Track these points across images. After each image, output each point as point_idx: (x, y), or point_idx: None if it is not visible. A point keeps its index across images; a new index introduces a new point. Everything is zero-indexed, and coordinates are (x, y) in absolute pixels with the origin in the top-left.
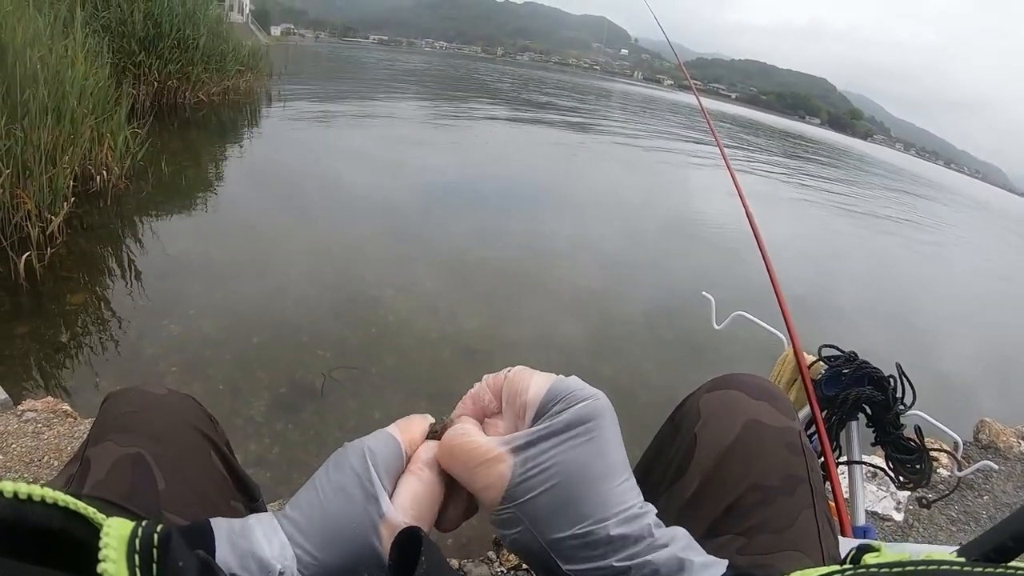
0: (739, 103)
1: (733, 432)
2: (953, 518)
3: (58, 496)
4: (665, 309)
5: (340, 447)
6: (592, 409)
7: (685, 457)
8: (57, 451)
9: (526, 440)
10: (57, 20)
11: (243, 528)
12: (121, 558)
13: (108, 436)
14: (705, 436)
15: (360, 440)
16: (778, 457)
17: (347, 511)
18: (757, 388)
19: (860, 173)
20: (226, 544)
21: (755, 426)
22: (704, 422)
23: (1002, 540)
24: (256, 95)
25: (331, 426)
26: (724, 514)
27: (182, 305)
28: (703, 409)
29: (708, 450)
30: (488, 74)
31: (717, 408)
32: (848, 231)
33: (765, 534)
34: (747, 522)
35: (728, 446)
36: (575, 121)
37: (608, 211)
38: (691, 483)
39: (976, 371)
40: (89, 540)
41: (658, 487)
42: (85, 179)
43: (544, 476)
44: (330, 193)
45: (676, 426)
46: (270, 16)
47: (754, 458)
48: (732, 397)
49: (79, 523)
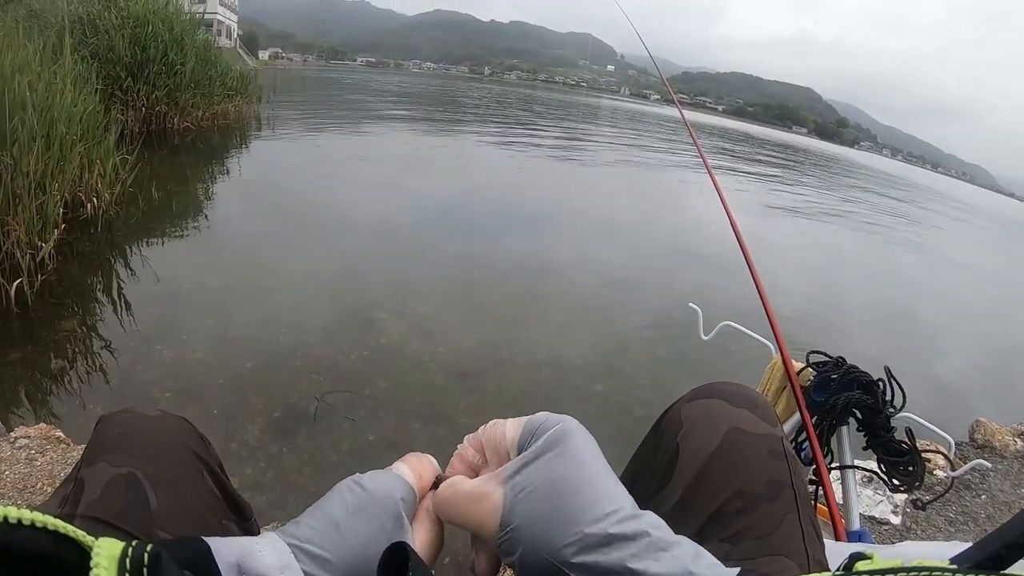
0: (726, 115)
1: (715, 440)
2: (951, 519)
3: (47, 520)
4: (656, 324)
5: (354, 484)
6: (562, 431)
7: (668, 467)
8: (50, 477)
9: (513, 470)
10: (46, 47)
11: (253, 553)
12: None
13: (102, 457)
14: (687, 445)
15: (382, 485)
16: (760, 464)
17: (375, 557)
18: (738, 396)
19: (840, 177)
20: (234, 568)
21: (737, 434)
22: (686, 431)
23: (996, 549)
24: (245, 120)
25: (326, 449)
26: (708, 522)
27: (174, 330)
28: (685, 419)
29: (690, 459)
30: (474, 92)
31: (699, 417)
32: (835, 233)
33: (749, 540)
34: (730, 529)
35: (710, 454)
36: (563, 139)
37: (594, 225)
38: (675, 492)
39: (975, 371)
40: (79, 563)
41: (643, 498)
42: (75, 205)
43: (532, 494)
44: (320, 217)
45: (659, 436)
46: (258, 40)
47: (736, 466)
48: (713, 406)
49: (69, 546)
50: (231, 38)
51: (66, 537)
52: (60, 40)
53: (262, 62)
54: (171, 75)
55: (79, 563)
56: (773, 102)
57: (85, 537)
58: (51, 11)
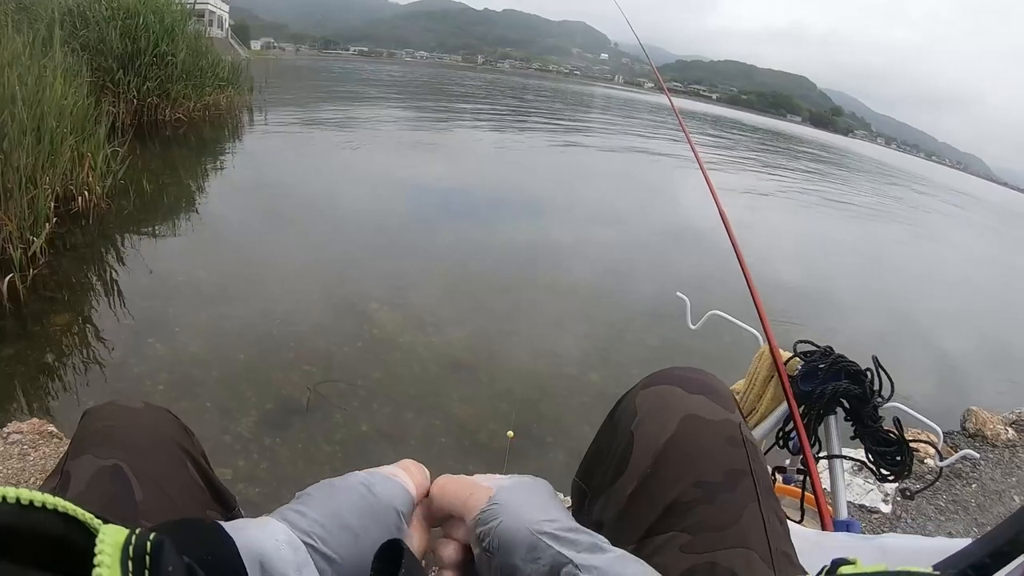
0: (720, 103)
1: (670, 429)
2: (941, 507)
3: (58, 502)
4: (649, 314)
5: (363, 488)
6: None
7: (623, 456)
8: (43, 472)
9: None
10: (36, 39)
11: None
12: (115, 563)
13: (87, 449)
14: (642, 434)
15: (390, 492)
16: (718, 452)
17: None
18: (693, 382)
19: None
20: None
21: (692, 421)
22: (640, 419)
23: (980, 557)
24: (237, 111)
25: (319, 441)
26: (664, 513)
27: (167, 324)
28: (639, 406)
29: (645, 448)
30: (467, 82)
31: (653, 404)
32: (823, 220)
33: (709, 532)
34: (689, 519)
35: (665, 443)
36: (560, 124)
37: (584, 213)
38: (630, 482)
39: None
40: (85, 546)
41: (599, 488)
42: (67, 199)
43: (515, 489)
44: (312, 208)
45: (613, 425)
46: (250, 31)
47: (693, 454)
48: (668, 392)
49: (77, 529)
50: (222, 28)
51: (75, 520)
52: (50, 32)
53: (254, 52)
54: (162, 66)
55: (85, 547)
56: (767, 90)
57: (93, 520)
58: (41, 3)
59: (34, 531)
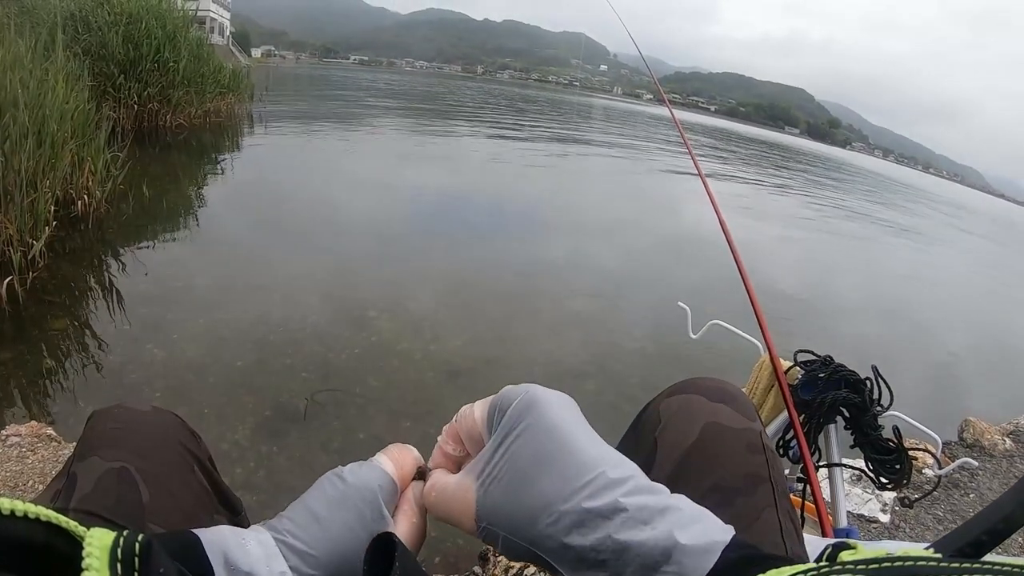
0: (718, 115)
1: (692, 435)
2: (940, 517)
3: (40, 511)
4: (646, 323)
5: (334, 477)
6: (524, 404)
7: (646, 462)
8: (42, 475)
9: (482, 461)
10: (38, 44)
11: (241, 546)
12: (104, 566)
13: (94, 451)
14: (665, 440)
15: (362, 476)
16: (738, 458)
17: (358, 549)
18: (716, 391)
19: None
20: (221, 559)
21: (714, 428)
22: (664, 426)
23: (976, 535)
24: (237, 117)
25: (316, 448)
26: None
27: (165, 329)
28: (663, 414)
29: (668, 454)
30: (466, 92)
31: (676, 412)
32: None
33: None
34: None
35: (687, 449)
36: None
37: (585, 225)
38: None
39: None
40: (72, 553)
41: None
42: (66, 203)
43: (500, 482)
44: (311, 215)
45: (637, 433)
46: (250, 38)
47: (714, 460)
48: (691, 401)
49: (62, 537)
50: (223, 35)
51: (59, 528)
52: (52, 37)
53: (255, 60)
54: (164, 72)
55: (71, 553)
56: (765, 102)
57: (77, 527)
58: (43, 7)
59: (16, 540)
